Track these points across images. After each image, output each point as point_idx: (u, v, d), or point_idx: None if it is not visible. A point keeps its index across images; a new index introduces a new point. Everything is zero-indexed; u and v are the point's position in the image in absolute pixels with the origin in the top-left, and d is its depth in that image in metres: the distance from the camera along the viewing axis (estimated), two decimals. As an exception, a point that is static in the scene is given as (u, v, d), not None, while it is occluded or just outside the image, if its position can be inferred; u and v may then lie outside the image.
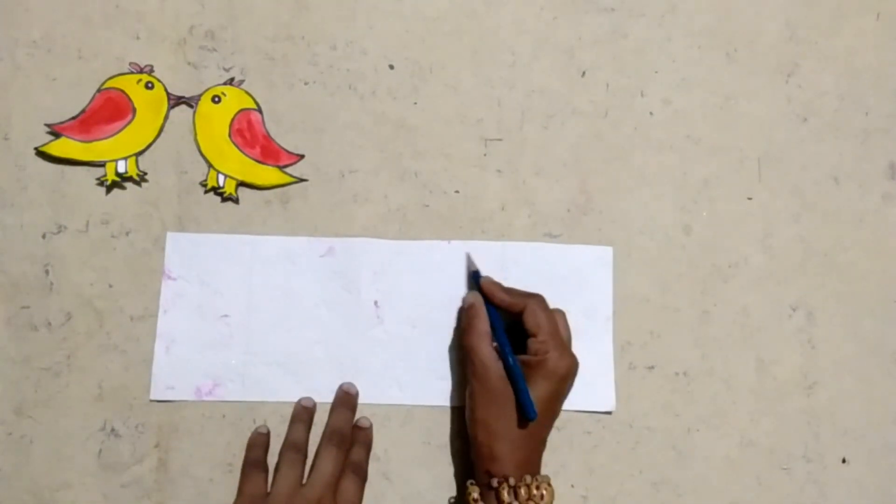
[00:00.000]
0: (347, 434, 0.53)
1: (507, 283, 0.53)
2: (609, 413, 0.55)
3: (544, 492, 0.48)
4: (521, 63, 0.59)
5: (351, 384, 0.55)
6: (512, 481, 0.48)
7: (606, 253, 0.57)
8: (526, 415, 0.48)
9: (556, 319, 0.51)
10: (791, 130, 0.60)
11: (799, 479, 0.55)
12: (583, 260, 0.57)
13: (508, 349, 0.50)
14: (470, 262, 0.56)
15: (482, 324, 0.51)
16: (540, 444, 0.50)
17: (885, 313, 0.58)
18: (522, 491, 0.48)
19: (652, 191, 0.58)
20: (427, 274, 0.56)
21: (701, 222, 0.58)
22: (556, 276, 0.56)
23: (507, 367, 0.49)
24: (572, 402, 0.53)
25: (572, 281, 0.57)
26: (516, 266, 0.56)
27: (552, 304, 0.52)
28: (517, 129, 0.59)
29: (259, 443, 0.53)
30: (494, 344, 0.51)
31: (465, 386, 0.52)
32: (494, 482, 0.48)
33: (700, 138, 0.59)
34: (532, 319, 0.51)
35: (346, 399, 0.54)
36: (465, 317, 0.53)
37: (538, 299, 0.52)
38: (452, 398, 0.55)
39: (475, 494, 0.49)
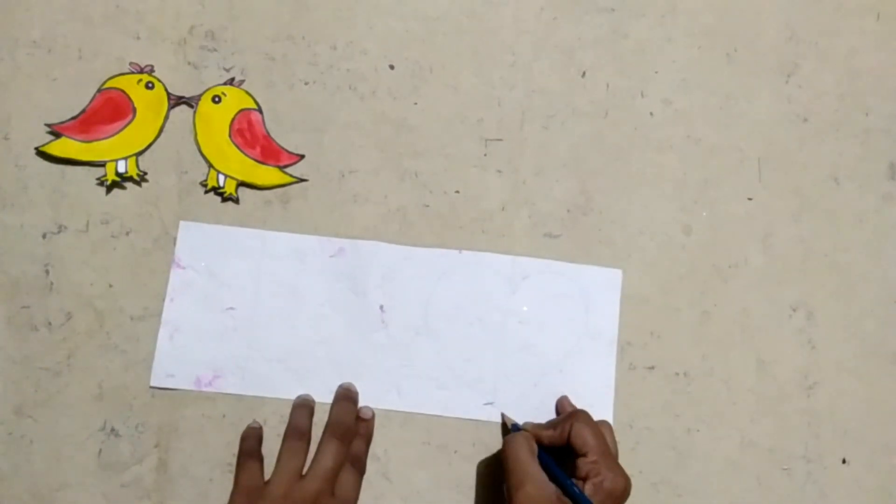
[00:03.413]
0: (351, 427, 0.53)
1: (514, 298, 0.53)
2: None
3: None
4: (521, 63, 0.59)
5: (351, 383, 0.55)
6: None
7: (616, 276, 0.57)
8: None
9: (605, 435, 0.49)
10: (791, 130, 0.60)
11: (799, 479, 0.55)
12: (592, 280, 0.56)
13: (570, 481, 0.47)
14: (506, 419, 0.54)
15: (530, 444, 0.49)
16: None
17: (885, 313, 0.58)
18: None
19: (652, 191, 0.58)
20: (435, 282, 0.56)
21: (701, 222, 0.58)
22: (563, 295, 0.56)
23: (574, 500, 0.46)
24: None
25: (579, 300, 0.56)
26: (525, 282, 0.56)
27: (556, 320, 0.51)
28: (517, 129, 0.59)
29: (253, 434, 0.53)
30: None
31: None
32: None
33: (700, 138, 0.59)
34: (580, 440, 0.48)
35: (347, 394, 0.54)
36: (506, 447, 0.49)
37: (582, 417, 0.49)
38: (450, 409, 0.55)
39: None
